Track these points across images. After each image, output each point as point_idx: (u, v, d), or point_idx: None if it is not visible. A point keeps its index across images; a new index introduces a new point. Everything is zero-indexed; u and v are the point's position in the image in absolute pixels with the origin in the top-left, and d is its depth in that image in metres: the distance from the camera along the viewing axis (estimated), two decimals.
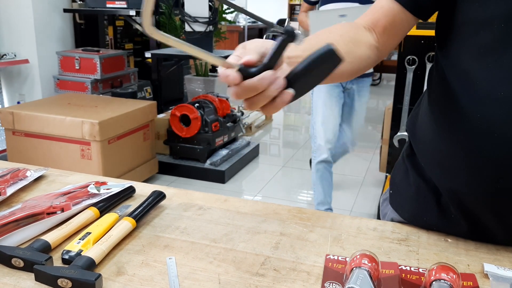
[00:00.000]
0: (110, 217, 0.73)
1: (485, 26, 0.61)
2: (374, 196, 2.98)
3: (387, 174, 2.84)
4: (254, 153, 3.70)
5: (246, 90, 0.51)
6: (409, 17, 0.70)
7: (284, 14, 9.32)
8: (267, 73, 0.50)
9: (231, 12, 5.00)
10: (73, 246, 0.65)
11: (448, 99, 0.67)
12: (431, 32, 0.77)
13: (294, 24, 9.09)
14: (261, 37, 9.06)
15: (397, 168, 0.85)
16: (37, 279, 0.59)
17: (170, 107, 3.45)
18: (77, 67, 3.45)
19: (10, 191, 0.82)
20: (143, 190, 0.88)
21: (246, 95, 0.51)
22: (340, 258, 0.65)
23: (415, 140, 0.78)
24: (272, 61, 0.51)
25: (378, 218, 0.89)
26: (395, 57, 5.46)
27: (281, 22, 8.85)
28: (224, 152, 3.34)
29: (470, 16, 0.63)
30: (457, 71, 0.65)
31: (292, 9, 9.48)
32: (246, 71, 0.50)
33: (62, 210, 0.73)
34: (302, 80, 0.53)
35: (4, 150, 3.07)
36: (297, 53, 0.61)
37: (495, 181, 0.62)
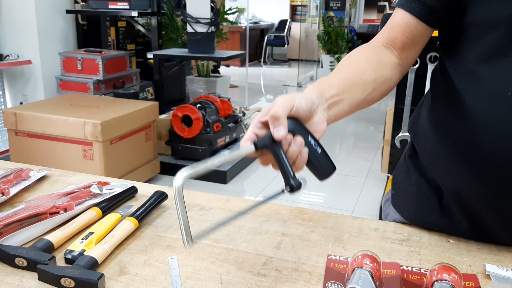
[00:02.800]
0: (112, 217, 0.73)
1: (491, 28, 0.61)
2: (376, 197, 2.97)
3: (389, 175, 2.84)
4: None
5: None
6: (426, 29, 0.70)
7: (286, 15, 9.32)
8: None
9: (233, 13, 5.01)
10: (76, 246, 0.65)
11: (452, 99, 0.67)
12: (433, 33, 0.77)
13: (295, 25, 9.08)
14: (263, 38, 9.07)
15: (399, 169, 0.85)
16: (40, 278, 0.59)
17: (172, 108, 3.45)
18: (80, 68, 3.45)
19: (13, 191, 0.82)
20: (145, 190, 0.88)
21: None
22: (341, 258, 0.65)
23: (417, 140, 0.78)
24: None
25: (380, 219, 0.90)
26: None
27: (282, 23, 8.86)
28: (225, 152, 3.34)
29: (476, 18, 0.63)
30: (463, 72, 0.66)
31: (294, 10, 9.48)
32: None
33: (65, 210, 0.74)
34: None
35: (6, 151, 3.08)
36: (333, 92, 0.63)
37: (499, 181, 0.62)
